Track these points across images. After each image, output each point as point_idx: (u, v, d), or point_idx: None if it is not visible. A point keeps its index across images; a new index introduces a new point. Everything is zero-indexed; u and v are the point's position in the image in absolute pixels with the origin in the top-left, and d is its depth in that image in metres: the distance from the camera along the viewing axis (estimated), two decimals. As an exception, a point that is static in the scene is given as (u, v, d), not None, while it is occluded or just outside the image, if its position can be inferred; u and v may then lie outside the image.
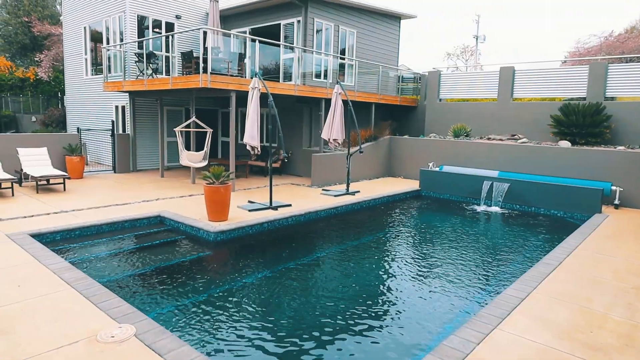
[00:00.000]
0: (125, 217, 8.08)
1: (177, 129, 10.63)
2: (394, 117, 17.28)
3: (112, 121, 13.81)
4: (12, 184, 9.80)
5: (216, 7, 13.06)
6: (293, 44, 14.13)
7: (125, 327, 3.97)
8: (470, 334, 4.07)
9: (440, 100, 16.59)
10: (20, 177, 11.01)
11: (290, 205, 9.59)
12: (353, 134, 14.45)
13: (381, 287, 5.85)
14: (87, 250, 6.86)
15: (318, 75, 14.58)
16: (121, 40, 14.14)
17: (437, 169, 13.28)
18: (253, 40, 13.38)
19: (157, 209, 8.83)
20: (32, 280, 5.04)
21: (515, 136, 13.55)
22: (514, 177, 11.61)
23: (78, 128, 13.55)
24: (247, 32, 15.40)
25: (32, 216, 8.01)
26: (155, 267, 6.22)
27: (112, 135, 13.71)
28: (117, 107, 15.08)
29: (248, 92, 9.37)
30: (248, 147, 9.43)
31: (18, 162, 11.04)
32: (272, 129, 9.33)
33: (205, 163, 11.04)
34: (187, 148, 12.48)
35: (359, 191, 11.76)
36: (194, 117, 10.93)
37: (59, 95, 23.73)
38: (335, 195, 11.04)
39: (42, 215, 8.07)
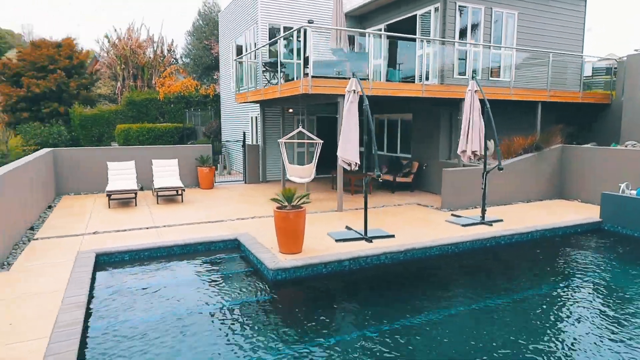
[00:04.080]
0: (200, 239, 7.40)
1: (282, 141, 9.69)
2: (572, 120, 13.18)
3: (244, 132, 13.91)
4: (135, 194, 10.35)
5: (339, 4, 11.80)
6: (430, 36, 11.86)
7: None
8: None
9: (647, 94, 11.89)
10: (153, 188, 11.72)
11: (392, 236, 7.58)
12: (506, 141, 11.39)
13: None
14: (138, 276, 6.30)
15: (463, 72, 11.94)
16: (254, 52, 14.16)
17: (634, 193, 9.23)
18: (379, 36, 11.73)
19: (241, 230, 7.97)
20: (28, 319, 4.49)
21: None
22: None
23: (212, 140, 14.04)
24: (382, 30, 13.75)
25: (125, 230, 8.02)
26: (186, 312, 5.16)
27: (243, 146, 13.78)
28: (252, 118, 15.25)
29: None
30: (342, 162, 7.80)
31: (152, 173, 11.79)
32: (368, 141, 7.47)
33: (312, 178, 9.86)
34: (301, 162, 11.55)
35: (501, 220, 8.87)
36: (300, 127, 9.84)
37: (227, 108, 26.13)
38: (464, 225, 8.49)
39: (134, 230, 8.01)
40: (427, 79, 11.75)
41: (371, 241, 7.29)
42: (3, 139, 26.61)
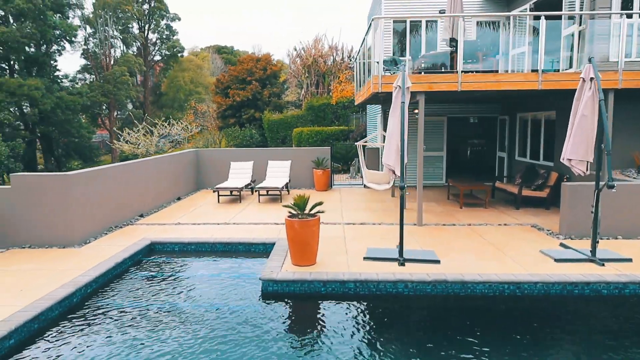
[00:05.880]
0: (241, 239, 7.59)
1: (359, 144, 9.09)
2: None
3: (362, 134, 13.51)
4: (239, 193, 11.30)
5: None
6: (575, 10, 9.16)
7: None
8: None
9: None
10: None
11: (437, 262, 6.20)
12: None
13: None
14: (172, 266, 6.89)
15: (629, 54, 8.80)
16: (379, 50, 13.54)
17: None
18: (502, 20, 9.77)
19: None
20: (35, 289, 5.44)
21: None
22: None
23: (331, 142, 14.09)
24: (528, 10, 11.31)
25: (200, 224, 8.86)
26: (158, 307, 5.42)
27: (362, 148, 13.41)
28: (379, 119, 14.68)
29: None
30: (387, 170, 6.78)
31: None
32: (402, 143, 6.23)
33: (391, 184, 8.94)
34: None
35: (628, 259, 6.18)
36: (381, 130, 9.00)
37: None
38: (557, 259, 6.28)
39: (207, 224, 8.77)
40: (571, 66, 9.17)
41: (404, 264, 6.13)
42: (216, 140, 32.76)
